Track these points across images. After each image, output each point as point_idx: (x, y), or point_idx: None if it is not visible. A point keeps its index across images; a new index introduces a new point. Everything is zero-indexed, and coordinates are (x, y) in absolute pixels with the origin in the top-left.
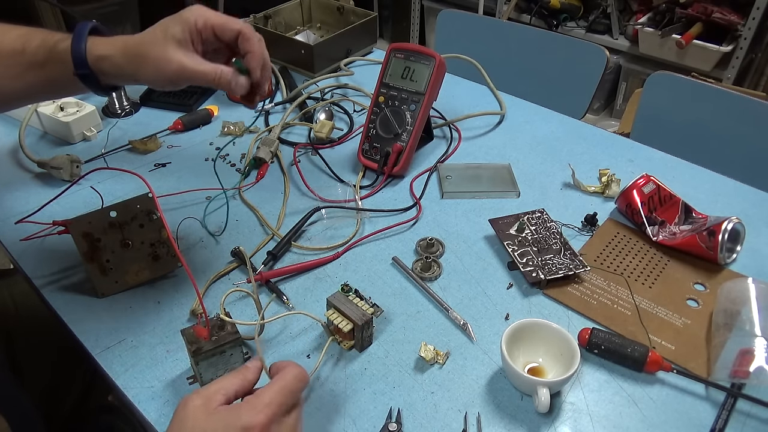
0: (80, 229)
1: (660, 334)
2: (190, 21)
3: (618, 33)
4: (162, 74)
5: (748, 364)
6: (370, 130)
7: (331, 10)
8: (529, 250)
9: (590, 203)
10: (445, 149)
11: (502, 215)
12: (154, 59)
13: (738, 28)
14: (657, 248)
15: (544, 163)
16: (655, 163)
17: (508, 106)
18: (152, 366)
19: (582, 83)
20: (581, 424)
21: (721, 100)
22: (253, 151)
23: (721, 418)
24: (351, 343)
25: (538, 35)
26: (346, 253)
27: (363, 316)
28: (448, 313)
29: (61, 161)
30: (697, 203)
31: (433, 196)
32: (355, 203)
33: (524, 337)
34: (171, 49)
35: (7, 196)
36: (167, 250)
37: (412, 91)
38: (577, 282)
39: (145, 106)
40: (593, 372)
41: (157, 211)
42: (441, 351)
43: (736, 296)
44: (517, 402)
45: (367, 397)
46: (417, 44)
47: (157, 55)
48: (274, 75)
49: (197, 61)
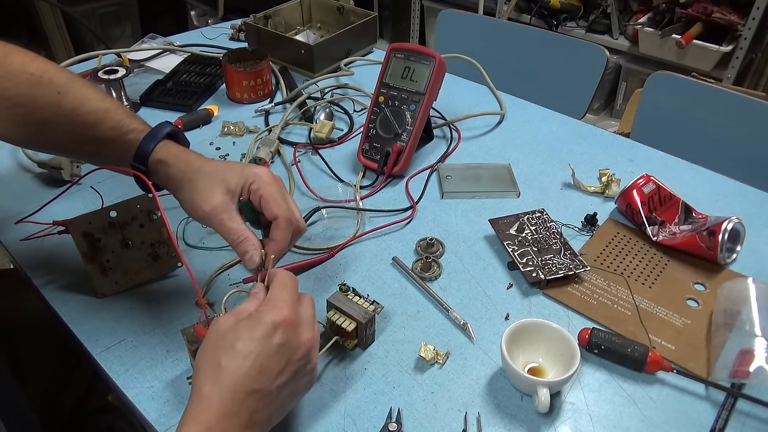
0: (80, 229)
1: (660, 334)
2: (248, 180)
3: (618, 33)
4: (195, 208)
5: (748, 364)
6: (370, 130)
7: (331, 10)
8: (529, 250)
9: (590, 203)
10: (445, 149)
11: (502, 215)
12: (199, 190)
13: (738, 28)
14: (657, 248)
15: (544, 163)
16: (655, 163)
17: (508, 106)
18: (152, 366)
19: (582, 83)
20: (581, 424)
21: (721, 100)
22: (253, 151)
23: (721, 418)
24: (354, 342)
25: (538, 35)
26: (346, 254)
27: (365, 313)
28: (448, 313)
29: (61, 161)
30: (697, 203)
31: (433, 196)
32: (355, 203)
33: (524, 337)
34: (218, 192)
35: (8, 196)
36: (167, 250)
37: (412, 91)
38: (577, 282)
39: (145, 106)
40: (593, 372)
41: (157, 211)
42: (441, 351)
43: (736, 296)
44: (517, 402)
45: (367, 397)
46: (417, 44)
47: (203, 190)
48: (274, 75)
49: (231, 216)
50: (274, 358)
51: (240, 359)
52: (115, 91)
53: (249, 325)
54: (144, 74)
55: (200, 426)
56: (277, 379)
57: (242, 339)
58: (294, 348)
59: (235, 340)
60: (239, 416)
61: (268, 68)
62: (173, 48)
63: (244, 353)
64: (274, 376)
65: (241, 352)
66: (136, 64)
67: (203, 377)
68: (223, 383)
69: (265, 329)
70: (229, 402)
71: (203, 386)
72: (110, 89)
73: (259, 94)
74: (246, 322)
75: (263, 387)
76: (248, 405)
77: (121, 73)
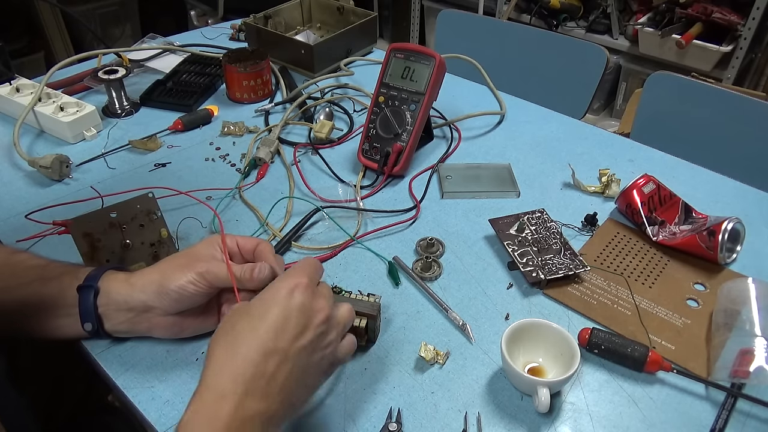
0: (80, 229)
1: (660, 334)
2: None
3: (618, 33)
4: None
5: (748, 364)
6: (370, 130)
7: (331, 10)
8: (529, 250)
9: (590, 203)
10: (445, 149)
11: (502, 215)
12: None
13: (738, 28)
14: (657, 248)
15: (544, 163)
16: (655, 163)
17: (508, 106)
18: (152, 366)
19: (582, 83)
20: (581, 424)
21: (721, 100)
22: (253, 151)
23: (721, 418)
24: (366, 338)
25: (538, 35)
26: (346, 254)
27: (372, 306)
28: (447, 313)
29: (50, 161)
30: (697, 203)
31: (433, 196)
32: (355, 203)
33: (524, 337)
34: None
35: (6, 196)
36: (167, 250)
37: (412, 91)
38: (577, 282)
39: (145, 106)
40: (593, 372)
41: (158, 211)
42: (441, 351)
43: (736, 296)
44: (517, 402)
45: (367, 397)
46: (417, 44)
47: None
48: (274, 75)
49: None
50: (292, 318)
51: (256, 320)
52: (115, 91)
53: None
54: (144, 74)
55: (211, 392)
56: (296, 341)
57: (258, 301)
58: (313, 311)
59: (251, 306)
60: (255, 380)
61: (268, 68)
62: (173, 48)
63: (260, 313)
64: (294, 337)
65: (257, 313)
66: (136, 64)
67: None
68: (237, 344)
69: (281, 292)
70: (242, 363)
71: (215, 350)
72: (110, 89)
73: (259, 94)
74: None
75: (281, 347)
76: (265, 368)
77: (121, 73)
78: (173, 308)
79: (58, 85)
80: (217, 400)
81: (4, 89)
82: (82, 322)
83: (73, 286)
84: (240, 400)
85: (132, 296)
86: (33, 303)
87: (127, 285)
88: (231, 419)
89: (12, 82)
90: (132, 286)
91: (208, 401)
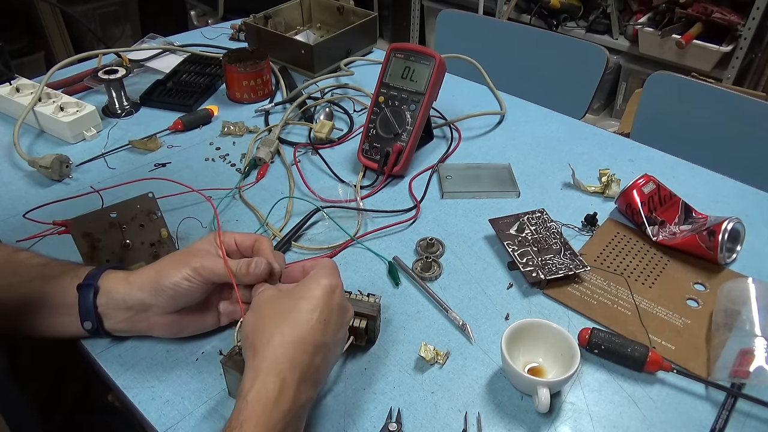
0: (80, 229)
1: (660, 334)
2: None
3: (618, 33)
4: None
5: (748, 364)
6: (370, 130)
7: (331, 10)
8: (529, 250)
9: (590, 203)
10: (445, 149)
11: (502, 215)
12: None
13: (738, 28)
14: (657, 248)
15: (544, 163)
16: (655, 163)
17: (508, 106)
18: (152, 366)
19: (582, 83)
20: (581, 424)
21: (721, 100)
22: (253, 151)
23: (721, 418)
24: (366, 338)
25: (538, 35)
26: (346, 254)
27: (372, 306)
28: (447, 313)
29: (50, 161)
30: (697, 203)
31: (433, 196)
32: (355, 203)
33: (524, 337)
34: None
35: (6, 196)
36: (167, 250)
37: (412, 91)
38: (577, 282)
39: (145, 106)
40: (593, 372)
41: (158, 211)
42: (441, 351)
43: (736, 296)
44: (517, 402)
45: (367, 397)
46: (417, 44)
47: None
48: (274, 75)
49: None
50: (335, 315)
51: (307, 313)
52: (115, 91)
53: (306, 287)
54: (144, 74)
55: (275, 378)
56: (336, 335)
57: (305, 297)
58: (346, 310)
59: (297, 299)
60: (309, 369)
61: (268, 68)
62: (173, 48)
63: (310, 307)
64: (335, 331)
65: (307, 308)
66: (136, 64)
67: (269, 331)
68: (295, 334)
69: (324, 289)
70: (301, 353)
71: (272, 338)
72: (110, 89)
73: (259, 94)
74: (300, 287)
75: (327, 341)
76: (315, 359)
77: (121, 73)
78: (170, 305)
79: (58, 85)
80: (280, 385)
81: (4, 89)
82: (81, 320)
83: (73, 285)
84: (298, 386)
85: (130, 295)
86: (34, 301)
87: (126, 283)
88: (292, 404)
89: (12, 82)
90: (130, 284)
91: (271, 385)
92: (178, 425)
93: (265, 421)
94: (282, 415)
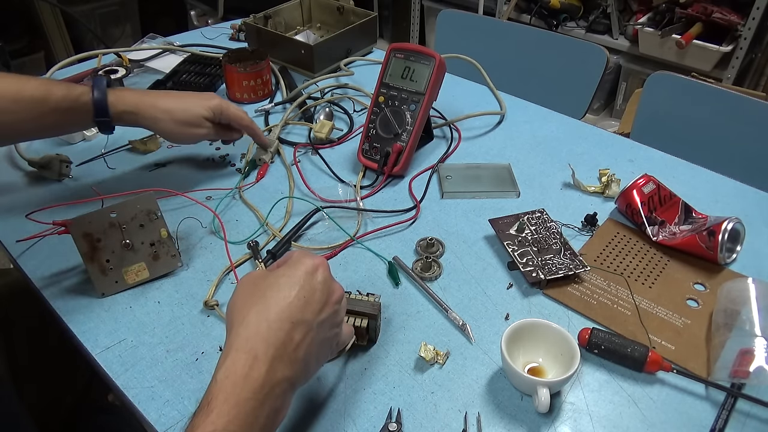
0: (80, 230)
1: (660, 334)
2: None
3: (618, 33)
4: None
5: (748, 364)
6: (370, 130)
7: (331, 10)
8: (529, 250)
9: (590, 203)
10: (445, 149)
11: (502, 215)
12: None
13: (738, 28)
14: (657, 248)
15: (544, 163)
16: (655, 163)
17: (508, 106)
18: (152, 366)
19: (582, 83)
20: (581, 424)
21: (721, 100)
22: (253, 151)
23: (721, 418)
24: (367, 338)
25: (538, 35)
26: (346, 254)
27: (372, 306)
28: (447, 313)
29: (49, 160)
30: (697, 203)
31: (433, 196)
32: (355, 203)
33: (524, 337)
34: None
35: (6, 196)
36: (167, 250)
37: (412, 91)
38: (577, 282)
39: None
40: (593, 372)
41: (158, 211)
42: (441, 351)
43: (736, 296)
44: (517, 402)
45: (367, 397)
46: (417, 44)
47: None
48: (273, 75)
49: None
50: (316, 294)
51: (286, 290)
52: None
53: (290, 265)
54: (144, 74)
55: (246, 355)
56: (319, 314)
57: (285, 275)
58: (332, 290)
59: (278, 276)
60: (285, 346)
61: (268, 68)
62: (173, 48)
63: (289, 284)
64: (318, 311)
65: (287, 284)
66: (136, 64)
67: (246, 308)
68: (270, 311)
69: (306, 268)
70: (276, 330)
71: (247, 315)
72: None
73: (259, 94)
74: (284, 267)
75: (308, 319)
76: (293, 336)
77: (121, 73)
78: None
79: None
80: (250, 362)
81: None
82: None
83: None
84: (271, 363)
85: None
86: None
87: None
88: (264, 380)
89: None
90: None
91: (241, 362)
92: (178, 425)
93: (234, 398)
94: (253, 392)
